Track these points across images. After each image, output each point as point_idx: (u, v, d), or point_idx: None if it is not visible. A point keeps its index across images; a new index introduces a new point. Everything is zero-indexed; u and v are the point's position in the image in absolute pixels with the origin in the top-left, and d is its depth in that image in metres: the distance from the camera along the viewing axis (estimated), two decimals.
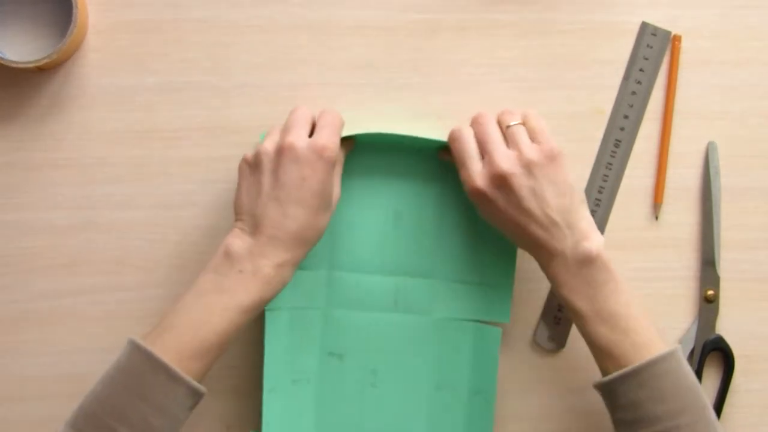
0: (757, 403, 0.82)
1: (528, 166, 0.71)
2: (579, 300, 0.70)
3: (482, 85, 0.82)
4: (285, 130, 0.72)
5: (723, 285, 0.82)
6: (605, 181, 0.82)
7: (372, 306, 0.79)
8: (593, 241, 0.71)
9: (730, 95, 0.83)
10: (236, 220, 0.72)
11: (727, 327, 0.82)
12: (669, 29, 0.82)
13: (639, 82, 0.82)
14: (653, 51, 0.82)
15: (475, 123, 0.74)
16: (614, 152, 0.82)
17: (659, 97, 0.83)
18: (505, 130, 0.73)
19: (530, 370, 0.81)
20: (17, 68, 0.78)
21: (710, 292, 0.81)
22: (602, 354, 0.70)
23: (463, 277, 0.79)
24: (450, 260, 0.79)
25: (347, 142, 0.76)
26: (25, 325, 0.80)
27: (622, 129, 0.82)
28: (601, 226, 0.82)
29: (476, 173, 0.72)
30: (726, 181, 0.82)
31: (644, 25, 0.83)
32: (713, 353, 0.82)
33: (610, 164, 0.82)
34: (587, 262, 0.70)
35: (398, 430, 0.79)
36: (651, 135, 0.83)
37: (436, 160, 0.79)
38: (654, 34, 0.82)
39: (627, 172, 0.82)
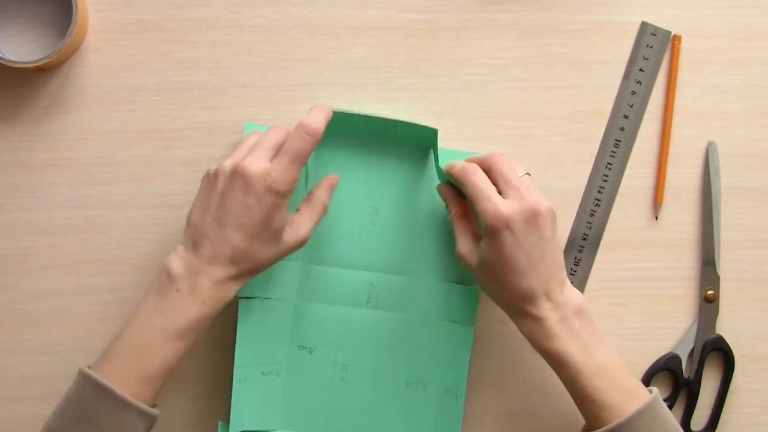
0: (757, 403, 0.82)
1: (548, 212, 0.71)
2: (575, 353, 0.70)
3: (482, 85, 0.82)
4: (251, 149, 0.71)
5: (723, 285, 0.82)
6: (605, 181, 0.82)
7: (345, 301, 0.79)
8: (579, 295, 0.72)
9: (730, 95, 0.83)
10: (184, 233, 0.72)
11: (727, 327, 0.82)
12: (669, 29, 0.82)
13: (639, 82, 0.82)
14: (653, 51, 0.82)
15: (493, 161, 0.73)
16: (614, 152, 0.82)
17: (659, 97, 0.83)
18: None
19: (530, 370, 0.81)
20: (17, 68, 0.78)
21: (710, 292, 0.81)
22: (596, 405, 0.69)
23: (438, 275, 0.79)
24: (425, 258, 0.80)
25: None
26: (25, 325, 0.80)
27: (622, 129, 0.82)
28: (601, 226, 0.82)
29: (502, 203, 0.70)
30: (726, 181, 0.82)
31: (644, 25, 0.83)
32: (713, 353, 0.82)
33: (610, 164, 0.82)
34: (580, 313, 0.71)
35: (367, 426, 0.79)
36: (651, 135, 0.83)
37: (416, 157, 0.80)
38: (654, 34, 0.82)
39: (627, 172, 0.82)
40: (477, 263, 0.72)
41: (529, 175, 0.73)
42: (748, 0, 0.83)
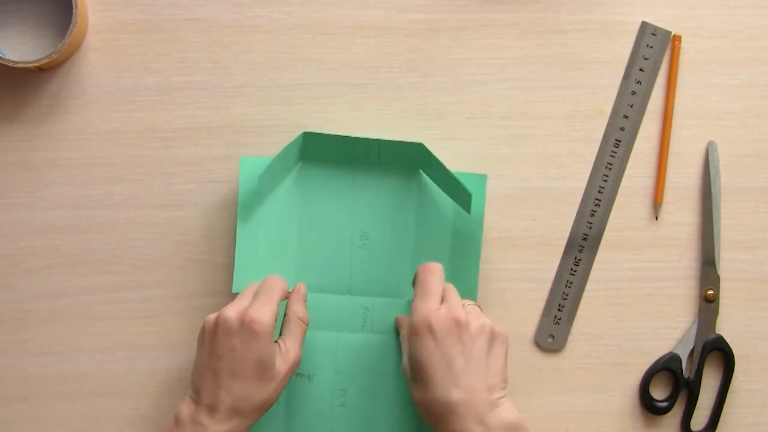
0: (757, 403, 0.82)
1: (483, 330, 0.70)
2: None
3: (482, 85, 0.82)
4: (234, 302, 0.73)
5: (723, 285, 0.82)
6: (605, 181, 0.82)
7: (340, 326, 0.79)
8: (514, 413, 0.69)
9: (730, 95, 0.83)
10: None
11: (727, 327, 0.82)
12: (669, 29, 0.82)
13: (639, 82, 0.82)
14: (653, 51, 0.82)
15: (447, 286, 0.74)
16: (614, 152, 0.82)
17: (659, 97, 0.83)
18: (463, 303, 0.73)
19: (530, 370, 0.81)
20: (17, 68, 0.78)
21: (710, 292, 0.81)
22: None
23: None
24: None
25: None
26: (25, 325, 0.80)
27: (622, 129, 0.82)
28: (601, 226, 0.82)
29: (435, 306, 0.70)
30: (726, 181, 0.82)
31: (644, 25, 0.83)
32: (713, 353, 0.82)
33: (610, 164, 0.82)
34: (516, 430, 0.69)
35: None
36: (651, 135, 0.83)
37: (403, 178, 0.80)
38: (654, 34, 0.82)
39: (627, 172, 0.82)
40: (405, 366, 0.71)
41: (479, 307, 0.73)
42: (748, 0, 0.83)
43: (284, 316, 0.75)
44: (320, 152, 0.79)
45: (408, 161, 0.79)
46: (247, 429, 0.71)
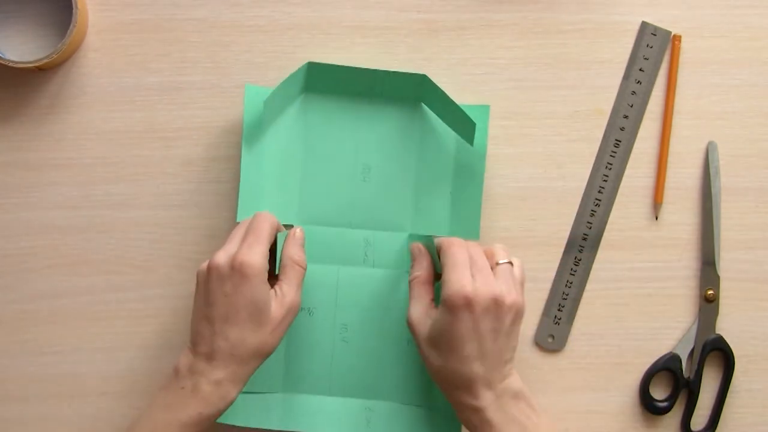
0: (757, 403, 0.82)
1: (513, 306, 0.70)
2: None
3: (482, 85, 0.82)
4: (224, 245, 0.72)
5: (723, 285, 0.82)
6: (605, 181, 0.82)
7: (341, 260, 0.79)
8: (519, 380, 0.71)
9: (730, 95, 0.83)
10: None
11: (727, 327, 0.82)
12: (669, 29, 0.82)
13: (639, 82, 0.82)
14: (653, 51, 0.82)
15: (472, 245, 0.72)
16: (614, 152, 0.82)
17: (659, 97, 0.83)
18: (493, 264, 0.72)
19: (530, 370, 0.81)
20: (17, 68, 0.78)
21: (710, 292, 0.81)
22: None
23: (432, 229, 0.79)
24: (419, 213, 0.80)
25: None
26: (25, 325, 0.80)
27: (622, 129, 0.82)
28: (601, 226, 0.82)
29: (469, 281, 0.69)
30: (726, 181, 0.82)
31: (644, 25, 0.83)
32: (713, 353, 0.82)
33: (610, 164, 0.82)
34: (518, 396, 0.70)
35: (369, 385, 0.79)
36: (651, 135, 0.83)
37: (405, 112, 0.80)
38: (654, 34, 0.82)
39: (627, 172, 0.82)
40: (426, 334, 0.71)
41: (512, 264, 0.72)
42: (748, 0, 0.83)
43: (280, 260, 0.74)
44: (324, 84, 0.79)
45: (411, 94, 0.79)
46: (248, 375, 0.71)
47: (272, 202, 0.79)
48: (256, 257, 0.70)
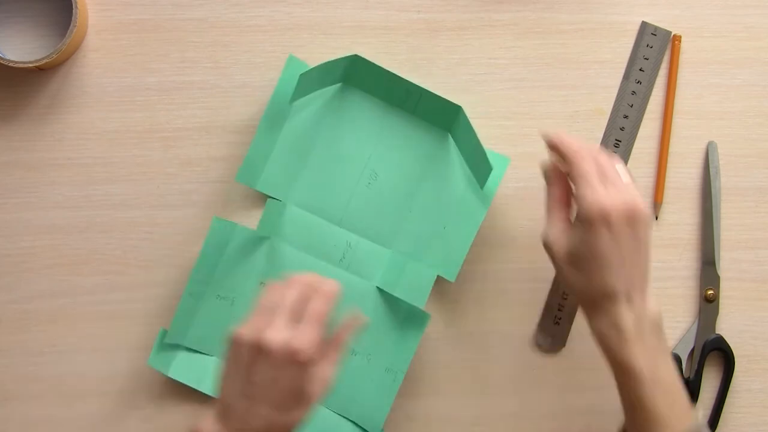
0: (757, 403, 0.82)
1: (648, 217, 0.69)
2: (643, 365, 0.68)
3: (482, 85, 0.82)
4: (268, 315, 0.68)
5: (723, 285, 0.82)
6: None
7: (320, 253, 0.79)
8: (658, 305, 0.70)
9: (730, 95, 0.83)
10: (217, 398, 0.69)
11: (727, 327, 0.82)
12: (669, 29, 0.82)
13: (639, 82, 0.82)
14: (653, 51, 0.82)
15: (596, 150, 0.71)
16: (614, 152, 0.82)
17: (659, 97, 0.83)
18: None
19: (530, 370, 0.81)
20: (17, 68, 0.78)
21: (710, 292, 0.81)
22: (649, 416, 0.67)
23: (413, 255, 0.79)
24: (406, 236, 0.80)
25: None
26: (25, 325, 0.80)
27: (622, 129, 0.82)
28: None
29: (604, 195, 0.68)
30: (726, 181, 0.82)
31: (644, 25, 0.83)
32: (713, 353, 0.82)
33: None
34: (656, 326, 0.69)
35: None
36: (651, 135, 0.83)
37: (431, 139, 0.80)
38: (654, 34, 0.82)
39: None
40: (565, 252, 0.70)
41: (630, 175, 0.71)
42: (748, 0, 0.83)
43: (333, 336, 0.71)
44: (362, 81, 0.79)
45: (441, 120, 0.79)
46: None
47: (274, 173, 0.79)
48: (311, 344, 0.67)
